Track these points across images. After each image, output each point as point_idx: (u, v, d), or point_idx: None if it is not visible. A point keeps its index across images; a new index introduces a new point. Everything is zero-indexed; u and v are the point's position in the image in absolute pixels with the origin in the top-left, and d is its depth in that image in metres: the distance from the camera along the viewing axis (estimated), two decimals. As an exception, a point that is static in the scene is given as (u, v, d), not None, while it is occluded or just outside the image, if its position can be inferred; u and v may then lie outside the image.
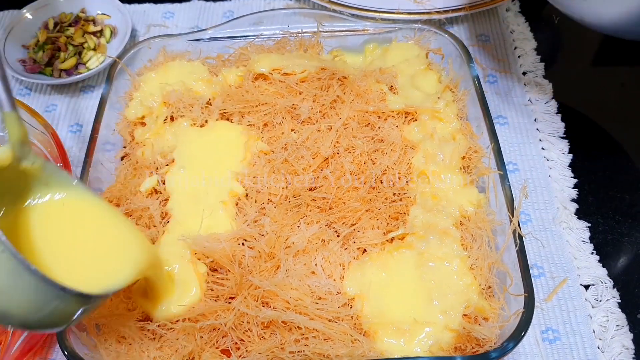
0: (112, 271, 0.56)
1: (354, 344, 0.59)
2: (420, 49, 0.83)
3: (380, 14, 0.94)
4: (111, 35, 0.98)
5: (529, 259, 0.72)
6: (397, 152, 0.72)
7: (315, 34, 0.84)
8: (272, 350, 0.59)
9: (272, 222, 0.67)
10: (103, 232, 0.59)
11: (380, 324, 0.60)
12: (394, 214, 0.68)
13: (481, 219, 0.66)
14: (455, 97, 0.77)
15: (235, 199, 0.70)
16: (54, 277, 0.46)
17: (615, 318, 0.69)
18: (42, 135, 0.75)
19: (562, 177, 0.81)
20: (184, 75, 0.81)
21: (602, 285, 0.71)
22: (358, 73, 0.80)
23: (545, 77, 0.91)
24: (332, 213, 0.68)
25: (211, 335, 0.61)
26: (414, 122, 0.76)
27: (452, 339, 0.59)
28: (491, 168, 0.69)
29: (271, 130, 0.76)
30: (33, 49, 0.96)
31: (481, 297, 0.62)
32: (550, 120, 0.86)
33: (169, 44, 0.85)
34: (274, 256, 0.65)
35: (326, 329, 0.59)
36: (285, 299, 0.61)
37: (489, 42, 0.97)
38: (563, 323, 0.69)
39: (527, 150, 0.84)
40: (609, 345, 0.67)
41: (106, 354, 0.60)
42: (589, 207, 0.78)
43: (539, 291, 0.72)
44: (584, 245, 0.75)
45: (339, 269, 0.64)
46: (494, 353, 0.55)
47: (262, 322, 0.60)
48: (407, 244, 0.65)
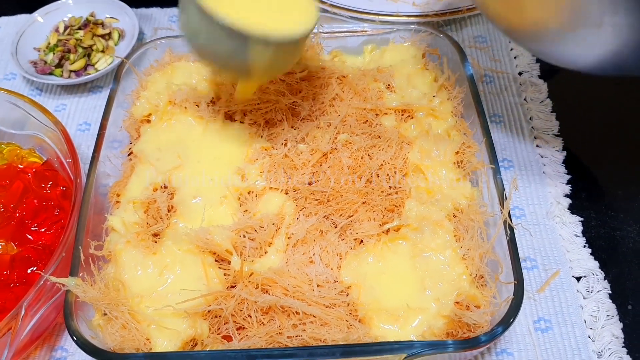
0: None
1: (350, 330, 0.61)
2: (416, 49, 0.85)
3: (379, 17, 0.97)
4: (119, 37, 1.02)
5: (523, 252, 0.75)
6: (393, 147, 0.74)
7: (316, 35, 0.87)
8: (271, 335, 0.61)
9: (272, 215, 0.70)
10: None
11: (376, 311, 0.63)
12: (389, 206, 0.70)
13: (474, 211, 0.69)
14: (450, 95, 0.80)
15: (237, 194, 0.73)
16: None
17: (605, 308, 0.71)
18: (53, 132, 0.78)
19: (555, 173, 0.83)
20: (189, 75, 0.84)
21: (593, 277, 0.73)
22: (356, 72, 0.83)
23: (541, 77, 0.94)
24: (330, 205, 0.70)
25: (213, 322, 0.64)
26: (410, 119, 0.78)
27: (445, 325, 0.62)
28: (484, 163, 0.71)
29: (272, 127, 0.78)
30: (44, 51, 0.99)
31: (473, 285, 0.64)
32: (545, 119, 0.89)
33: (175, 45, 0.88)
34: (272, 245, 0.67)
35: (323, 315, 0.61)
36: (284, 286, 0.63)
37: (486, 43, 0.99)
38: (555, 313, 0.71)
39: (522, 148, 0.86)
40: (600, 335, 0.69)
41: (111, 339, 0.62)
42: (582, 202, 0.80)
43: (532, 283, 0.74)
44: (577, 238, 0.77)
45: (336, 259, 0.67)
46: (484, 337, 0.57)
47: (261, 309, 0.63)
48: (402, 235, 0.68)
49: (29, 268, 0.70)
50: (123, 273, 0.66)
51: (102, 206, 0.73)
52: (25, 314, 0.62)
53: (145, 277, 0.66)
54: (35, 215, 0.75)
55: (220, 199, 0.72)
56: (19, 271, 0.70)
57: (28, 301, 0.62)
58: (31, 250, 0.72)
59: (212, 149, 0.77)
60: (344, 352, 0.57)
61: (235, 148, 0.77)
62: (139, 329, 0.63)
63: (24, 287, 0.68)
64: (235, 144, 0.77)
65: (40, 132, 0.81)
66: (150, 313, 0.63)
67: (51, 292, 0.66)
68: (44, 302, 0.65)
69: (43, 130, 0.80)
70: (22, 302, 0.62)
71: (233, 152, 0.77)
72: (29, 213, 0.75)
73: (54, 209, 0.76)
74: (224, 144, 0.78)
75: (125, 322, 0.63)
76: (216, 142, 0.78)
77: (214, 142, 0.78)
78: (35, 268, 0.70)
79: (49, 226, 0.75)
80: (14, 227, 0.74)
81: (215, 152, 0.77)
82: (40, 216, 0.75)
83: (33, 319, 0.65)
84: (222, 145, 0.78)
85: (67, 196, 0.76)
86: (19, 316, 0.62)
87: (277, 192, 0.72)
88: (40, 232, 0.75)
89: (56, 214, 0.75)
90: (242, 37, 0.63)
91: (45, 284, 0.63)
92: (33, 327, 0.66)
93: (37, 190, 0.77)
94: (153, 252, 0.68)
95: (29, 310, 0.63)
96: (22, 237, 0.74)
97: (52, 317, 0.70)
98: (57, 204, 0.76)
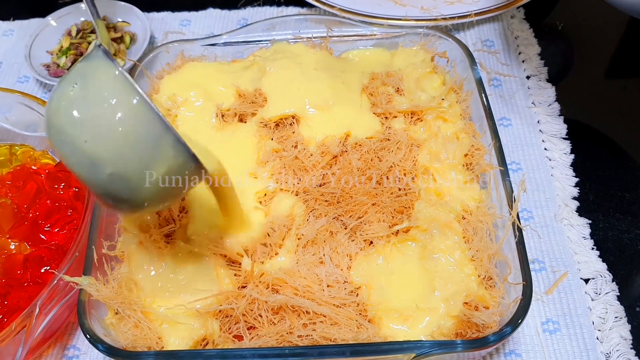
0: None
1: (360, 329, 0.62)
2: (425, 53, 0.86)
3: (388, 21, 0.98)
4: (131, 41, 1.03)
5: (531, 254, 0.76)
6: (402, 150, 0.75)
7: (325, 38, 0.88)
8: (282, 334, 0.62)
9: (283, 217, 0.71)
10: None
11: (385, 311, 0.63)
12: (399, 207, 0.71)
13: (482, 213, 0.69)
14: (459, 98, 0.80)
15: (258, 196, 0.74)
16: None
17: (614, 310, 0.71)
18: (66, 134, 0.78)
19: (564, 176, 0.83)
20: (200, 77, 0.85)
21: (601, 279, 0.74)
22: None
23: (549, 80, 0.94)
24: (340, 207, 0.71)
25: (224, 322, 0.65)
26: (420, 122, 0.79)
27: (454, 325, 0.62)
28: (492, 165, 0.72)
29: (282, 130, 0.79)
30: (57, 54, 1.01)
31: (481, 286, 0.64)
32: (553, 122, 0.89)
33: (186, 48, 0.89)
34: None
35: (333, 314, 0.62)
36: (294, 286, 0.64)
37: (494, 47, 1.00)
38: (563, 315, 0.72)
39: (530, 151, 0.87)
40: (608, 336, 0.69)
41: (124, 337, 0.63)
42: (590, 205, 0.81)
43: (540, 284, 0.74)
44: (585, 241, 0.77)
45: (346, 259, 0.67)
46: (492, 337, 0.57)
47: (272, 308, 0.63)
48: (412, 237, 0.68)
49: (43, 268, 0.71)
50: (136, 273, 0.67)
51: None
52: (39, 312, 0.63)
53: (157, 277, 0.67)
54: (48, 215, 0.76)
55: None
56: (32, 271, 0.71)
57: (42, 300, 0.63)
58: (44, 250, 0.73)
59: (223, 151, 0.78)
60: (353, 352, 0.58)
61: (246, 151, 0.78)
62: (151, 327, 0.63)
63: (37, 287, 0.69)
64: (246, 147, 0.78)
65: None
66: (162, 312, 0.64)
67: (64, 291, 0.67)
68: (58, 301, 0.66)
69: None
70: (36, 301, 0.63)
71: (244, 154, 0.78)
72: (42, 213, 0.76)
73: (67, 210, 0.76)
74: (235, 146, 0.79)
75: (138, 320, 0.63)
76: (227, 145, 0.79)
77: (225, 145, 0.79)
78: (48, 268, 0.71)
79: (62, 226, 0.76)
80: (28, 227, 0.75)
81: (226, 154, 0.78)
82: (54, 217, 0.76)
83: (47, 318, 0.66)
84: (233, 147, 0.79)
85: (80, 197, 0.77)
86: (32, 315, 0.63)
87: (288, 194, 0.72)
88: (54, 232, 0.76)
89: (69, 214, 0.76)
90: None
91: (58, 283, 0.64)
92: (46, 325, 0.67)
93: (50, 191, 0.78)
94: (165, 252, 0.68)
95: (43, 309, 0.64)
96: (36, 237, 0.75)
97: (65, 316, 0.70)
98: (70, 204, 0.77)
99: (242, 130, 0.80)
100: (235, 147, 0.79)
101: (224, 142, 0.79)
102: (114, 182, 0.52)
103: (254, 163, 0.76)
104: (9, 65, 1.05)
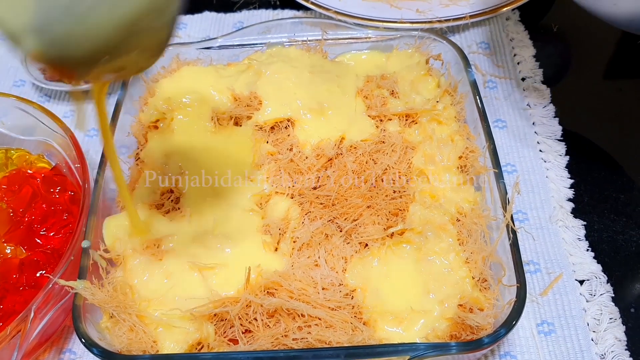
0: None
1: (355, 332, 0.62)
2: (420, 55, 0.86)
3: (384, 24, 0.98)
4: (126, 45, 1.03)
5: (526, 256, 0.76)
6: (397, 152, 0.75)
7: (320, 41, 0.88)
8: (277, 337, 0.62)
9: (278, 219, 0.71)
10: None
11: (380, 314, 0.64)
12: (394, 210, 0.71)
13: (477, 215, 0.69)
14: (454, 100, 0.81)
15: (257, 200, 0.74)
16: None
17: (608, 311, 0.71)
18: (62, 138, 0.79)
19: (558, 177, 0.84)
20: (196, 81, 0.85)
21: (596, 281, 0.74)
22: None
23: (544, 82, 0.94)
24: (334, 209, 0.71)
25: (219, 325, 0.65)
26: (414, 125, 0.79)
27: (448, 328, 0.62)
28: (487, 167, 0.72)
29: (277, 133, 0.79)
30: (52, 58, 1.00)
31: (476, 288, 0.65)
32: (548, 124, 0.89)
33: (182, 51, 0.89)
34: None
35: (328, 317, 0.62)
36: (289, 289, 0.64)
37: (489, 49, 1.00)
38: (558, 316, 0.72)
39: (525, 153, 0.87)
40: (602, 337, 0.69)
41: (119, 341, 0.63)
42: (585, 207, 0.81)
43: (535, 286, 0.74)
44: (580, 242, 0.77)
45: (341, 262, 0.67)
46: (487, 339, 0.58)
47: (267, 311, 0.63)
48: (406, 239, 0.68)
49: (38, 272, 0.71)
50: (131, 277, 0.67)
51: (110, 211, 0.74)
52: (34, 316, 0.63)
53: (152, 281, 0.67)
54: (44, 219, 0.76)
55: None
56: (28, 275, 0.71)
57: (37, 304, 0.63)
58: (40, 254, 0.73)
59: (219, 154, 0.78)
60: (348, 354, 0.58)
61: (241, 154, 0.78)
62: (146, 331, 0.63)
63: (33, 291, 0.69)
64: (241, 150, 0.78)
65: (49, 138, 0.82)
66: (157, 316, 0.64)
67: (60, 295, 0.67)
68: (53, 305, 0.66)
69: (52, 136, 0.81)
70: (31, 305, 0.63)
71: (240, 158, 0.78)
72: (38, 217, 0.76)
73: (62, 214, 0.77)
74: (230, 150, 0.79)
75: (133, 324, 0.63)
76: (223, 148, 0.79)
77: (221, 148, 0.79)
78: (44, 272, 0.71)
79: (58, 230, 0.76)
80: (23, 231, 0.75)
81: (222, 158, 0.78)
82: (49, 220, 0.76)
83: (42, 322, 0.66)
84: (229, 151, 0.79)
85: (76, 201, 0.77)
86: (28, 319, 0.63)
87: (283, 197, 0.73)
88: (49, 236, 0.76)
89: (65, 218, 0.76)
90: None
91: (54, 287, 0.64)
92: (42, 329, 0.67)
93: (45, 195, 0.78)
94: (159, 257, 0.68)
95: (38, 313, 0.64)
96: (31, 241, 0.75)
97: (60, 320, 0.70)
98: (66, 208, 0.77)
99: (237, 133, 0.80)
100: (231, 150, 0.79)
101: (220, 145, 0.79)
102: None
103: (250, 166, 0.76)
104: (5, 69, 1.05)
